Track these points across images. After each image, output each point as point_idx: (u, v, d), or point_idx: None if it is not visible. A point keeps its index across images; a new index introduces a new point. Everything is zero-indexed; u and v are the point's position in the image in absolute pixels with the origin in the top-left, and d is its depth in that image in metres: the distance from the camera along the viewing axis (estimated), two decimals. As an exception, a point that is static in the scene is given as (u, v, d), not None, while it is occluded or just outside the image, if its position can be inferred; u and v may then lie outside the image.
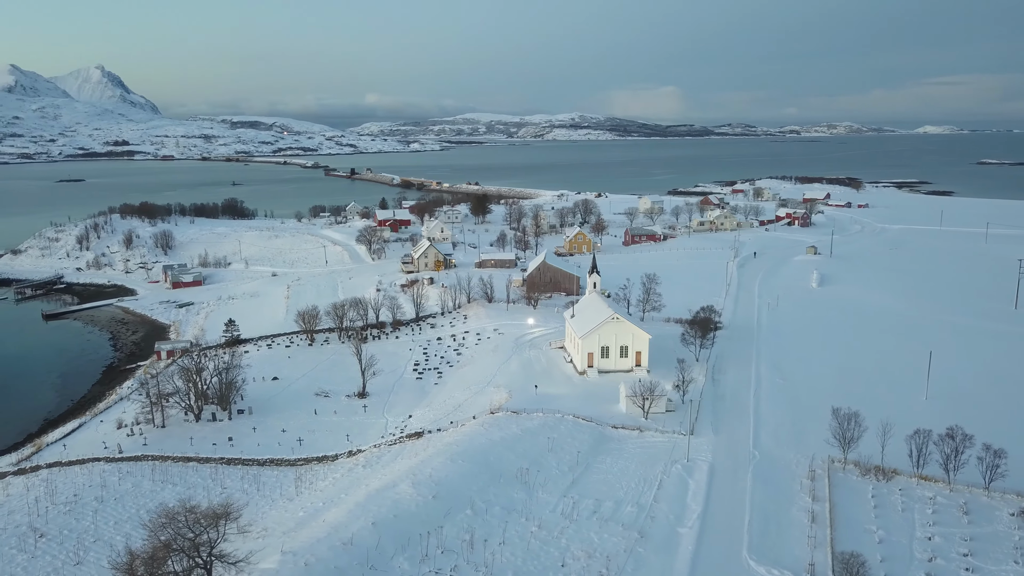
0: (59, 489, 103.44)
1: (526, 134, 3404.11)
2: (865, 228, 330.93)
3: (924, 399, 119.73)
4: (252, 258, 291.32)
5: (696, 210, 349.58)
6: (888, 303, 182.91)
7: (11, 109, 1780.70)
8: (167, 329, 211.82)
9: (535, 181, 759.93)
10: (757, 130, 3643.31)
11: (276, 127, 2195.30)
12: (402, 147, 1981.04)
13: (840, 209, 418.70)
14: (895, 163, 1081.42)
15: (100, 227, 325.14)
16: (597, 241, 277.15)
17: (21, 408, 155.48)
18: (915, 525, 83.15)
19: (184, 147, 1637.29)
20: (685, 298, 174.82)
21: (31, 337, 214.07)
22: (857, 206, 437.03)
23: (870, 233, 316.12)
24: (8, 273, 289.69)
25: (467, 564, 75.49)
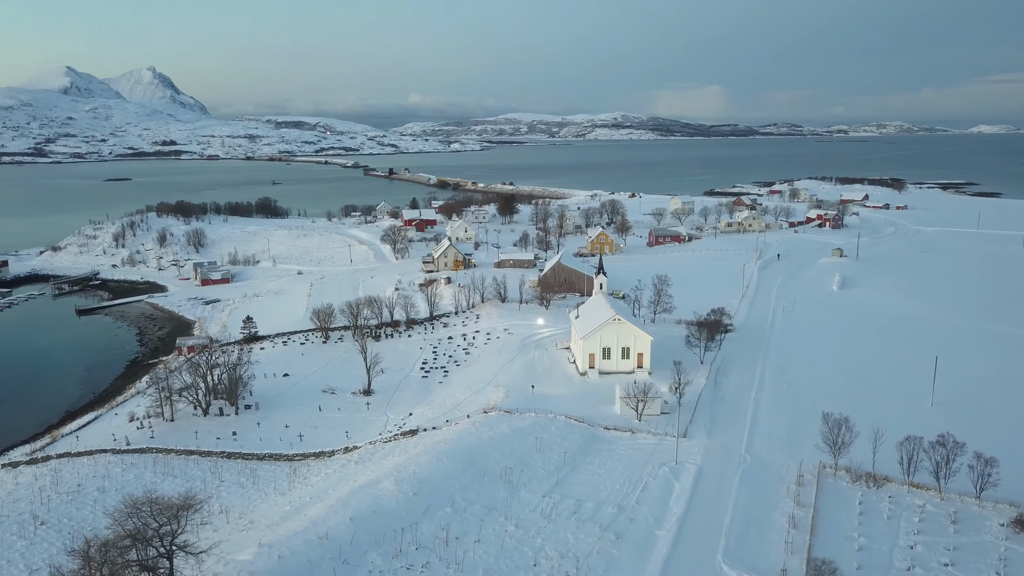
0: (64, 479, 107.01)
1: (567, 134, 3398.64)
2: (899, 230, 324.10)
3: (930, 406, 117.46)
4: (280, 256, 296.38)
5: (725, 211, 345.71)
6: (909, 307, 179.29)
7: (65, 110, 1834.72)
8: (192, 325, 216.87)
9: (570, 181, 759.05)
10: (803, 130, 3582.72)
11: (319, 127, 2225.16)
12: (442, 147, 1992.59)
13: (877, 211, 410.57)
14: (944, 164, 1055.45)
15: (136, 225, 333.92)
16: (620, 242, 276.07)
17: (45, 400, 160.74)
18: (899, 533, 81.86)
19: (229, 147, 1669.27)
20: (700, 300, 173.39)
21: (63, 331, 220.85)
22: (895, 207, 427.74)
23: (903, 235, 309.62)
24: (47, 269, 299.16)
25: (439, 561, 76.39)
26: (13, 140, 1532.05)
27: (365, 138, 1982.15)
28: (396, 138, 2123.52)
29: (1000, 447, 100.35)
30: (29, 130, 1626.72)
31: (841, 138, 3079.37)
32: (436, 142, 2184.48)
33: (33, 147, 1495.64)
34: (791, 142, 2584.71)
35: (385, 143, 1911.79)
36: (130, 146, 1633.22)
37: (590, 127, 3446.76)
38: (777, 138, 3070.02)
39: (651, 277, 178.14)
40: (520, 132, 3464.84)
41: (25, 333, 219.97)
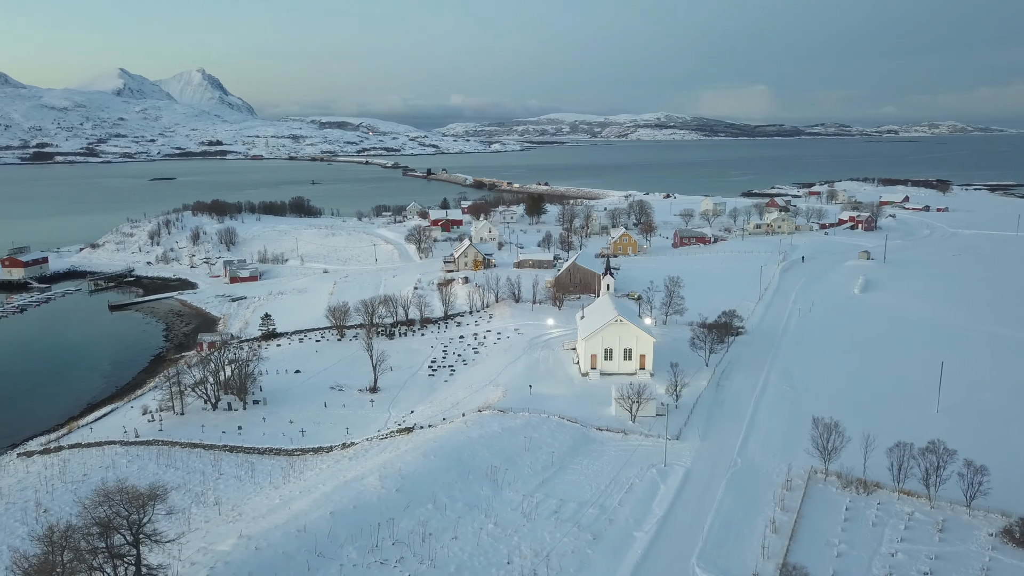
0: (72, 469, 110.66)
1: (610, 134, 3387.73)
2: (934, 232, 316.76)
3: (935, 412, 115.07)
4: (308, 255, 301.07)
5: (755, 213, 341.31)
6: (931, 312, 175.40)
7: (117, 111, 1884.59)
8: (217, 322, 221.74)
9: (607, 182, 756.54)
10: (852, 130, 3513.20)
11: (362, 128, 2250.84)
12: (483, 147, 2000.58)
13: (916, 212, 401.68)
14: (996, 165, 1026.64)
15: (171, 223, 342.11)
16: (644, 243, 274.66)
17: (70, 392, 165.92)
18: (883, 541, 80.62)
19: (273, 147, 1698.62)
20: (716, 302, 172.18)
21: (95, 326, 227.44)
22: (936, 209, 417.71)
23: (938, 238, 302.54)
24: (86, 266, 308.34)
25: (414, 556, 77.41)
26: (67, 140, 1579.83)
27: (407, 138, 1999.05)
28: (437, 138, 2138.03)
29: (1001, 456, 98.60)
30: (82, 130, 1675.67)
31: (891, 139, 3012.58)
32: (477, 143, 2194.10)
33: (86, 147, 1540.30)
34: (838, 143, 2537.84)
35: (426, 143, 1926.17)
36: (178, 146, 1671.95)
37: (633, 127, 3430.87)
38: (824, 139, 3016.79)
39: (664, 279, 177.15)
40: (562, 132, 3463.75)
41: (59, 327, 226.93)
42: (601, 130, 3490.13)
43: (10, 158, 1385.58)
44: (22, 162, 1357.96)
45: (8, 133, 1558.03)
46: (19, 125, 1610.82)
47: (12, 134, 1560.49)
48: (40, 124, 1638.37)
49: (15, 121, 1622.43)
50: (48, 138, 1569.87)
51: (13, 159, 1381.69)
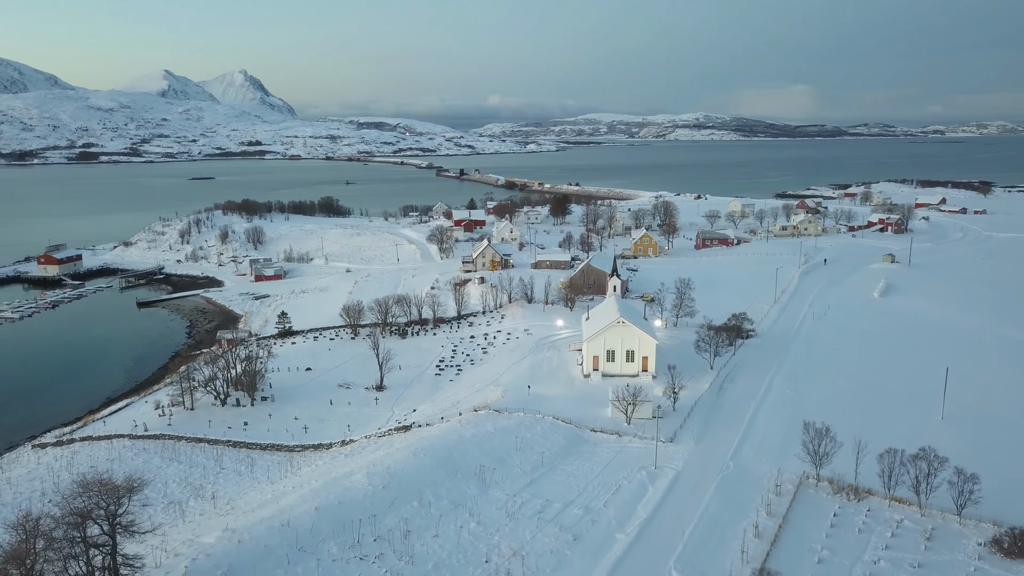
0: (80, 460, 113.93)
1: (647, 134, 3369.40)
2: (967, 235, 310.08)
3: (940, 419, 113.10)
4: (333, 254, 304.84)
5: (782, 214, 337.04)
6: (951, 316, 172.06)
7: (160, 112, 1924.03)
8: (239, 319, 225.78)
9: (640, 182, 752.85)
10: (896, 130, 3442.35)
11: (399, 128, 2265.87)
12: (518, 148, 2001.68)
13: (951, 215, 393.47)
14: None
15: (202, 222, 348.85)
16: (666, 244, 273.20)
17: (92, 386, 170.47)
18: (867, 548, 79.64)
19: (311, 147, 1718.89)
20: (730, 305, 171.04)
21: (122, 323, 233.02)
22: (973, 212, 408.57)
23: (971, 241, 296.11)
24: (118, 263, 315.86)
25: (393, 553, 78.43)
26: (112, 140, 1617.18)
27: (443, 139, 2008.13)
28: (473, 139, 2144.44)
29: (1001, 464, 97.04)
30: (127, 131, 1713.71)
31: (937, 139, 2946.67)
32: (512, 143, 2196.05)
33: (129, 147, 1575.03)
34: (882, 143, 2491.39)
35: (462, 144, 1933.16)
36: (218, 146, 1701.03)
37: (671, 127, 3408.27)
38: (867, 139, 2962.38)
39: (675, 280, 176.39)
40: (599, 132, 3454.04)
41: (87, 323, 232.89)
42: (639, 130, 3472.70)
43: (57, 157, 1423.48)
44: (68, 161, 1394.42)
45: (56, 133, 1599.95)
46: (67, 126, 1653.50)
47: (60, 134, 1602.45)
48: (87, 124, 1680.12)
49: (63, 122, 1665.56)
50: (94, 138, 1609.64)
51: (60, 159, 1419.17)
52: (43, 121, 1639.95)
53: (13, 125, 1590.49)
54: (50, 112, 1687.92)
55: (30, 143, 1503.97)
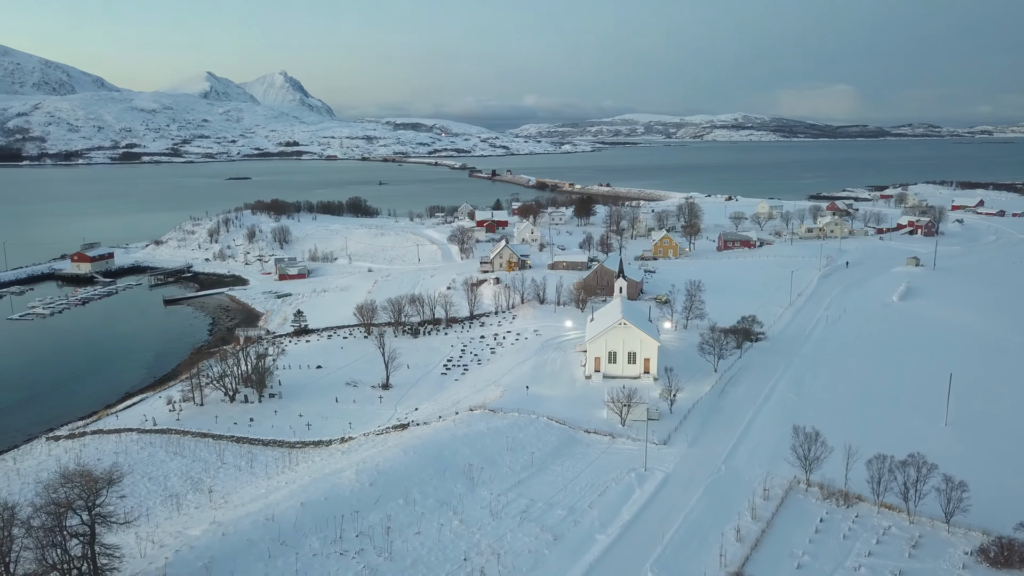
0: (88, 453, 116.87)
1: (685, 135, 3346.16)
2: (1001, 238, 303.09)
3: (943, 425, 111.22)
4: (357, 254, 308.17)
5: (809, 216, 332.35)
6: (972, 322, 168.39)
7: (201, 113, 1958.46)
8: (260, 317, 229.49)
9: (672, 183, 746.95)
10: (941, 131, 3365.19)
11: (435, 129, 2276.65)
12: (553, 148, 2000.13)
13: (988, 217, 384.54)
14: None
15: (230, 222, 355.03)
16: (687, 246, 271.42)
17: (112, 381, 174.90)
18: (851, 554, 78.88)
19: (347, 147, 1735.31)
20: (744, 307, 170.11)
21: (148, 319, 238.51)
22: (1012, 215, 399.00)
23: (1003, 244, 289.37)
24: (148, 261, 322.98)
25: (373, 549, 79.50)
26: (154, 141, 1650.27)
27: (478, 140, 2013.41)
28: (508, 140, 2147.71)
29: (1000, 472, 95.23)
30: (168, 131, 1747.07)
31: (984, 140, 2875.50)
32: (547, 143, 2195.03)
33: (170, 147, 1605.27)
34: (926, 144, 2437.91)
35: (496, 144, 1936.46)
36: (256, 147, 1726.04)
37: (709, 128, 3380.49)
38: (911, 140, 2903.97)
39: (706, 281, 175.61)
40: (636, 133, 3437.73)
41: (115, 319, 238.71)
42: (676, 131, 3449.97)
43: (101, 158, 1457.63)
44: (111, 162, 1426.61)
45: (101, 134, 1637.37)
46: (111, 127, 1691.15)
47: (104, 135, 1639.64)
48: (130, 125, 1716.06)
49: (107, 123, 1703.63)
50: (137, 139, 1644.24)
51: (104, 159, 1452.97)
52: (88, 122, 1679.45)
53: (60, 126, 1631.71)
54: (95, 113, 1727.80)
55: (76, 143, 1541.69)
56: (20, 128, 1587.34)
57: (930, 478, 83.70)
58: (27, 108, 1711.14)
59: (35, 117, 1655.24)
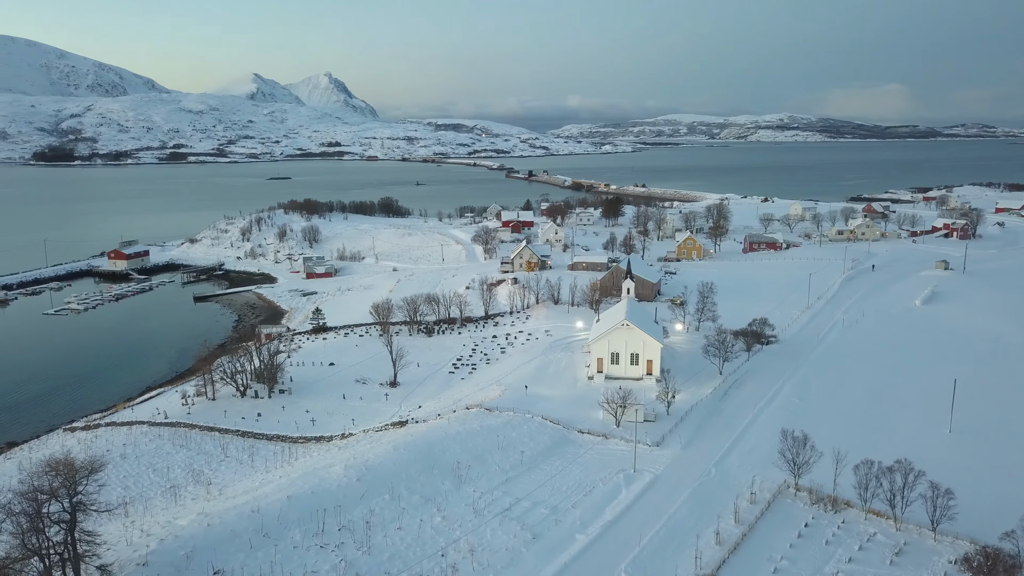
0: (98, 444, 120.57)
1: (728, 135, 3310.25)
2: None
3: (947, 432, 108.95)
4: (383, 253, 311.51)
5: (840, 218, 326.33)
6: (995, 328, 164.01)
7: (247, 114, 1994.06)
8: (284, 315, 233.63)
9: (710, 184, 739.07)
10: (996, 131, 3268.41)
11: (476, 130, 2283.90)
12: (593, 149, 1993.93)
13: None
14: None
15: (262, 221, 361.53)
16: (711, 247, 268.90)
17: (136, 375, 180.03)
18: (831, 560, 77.96)
19: (388, 148, 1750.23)
20: (761, 310, 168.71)
21: (177, 316, 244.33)
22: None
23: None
24: (183, 259, 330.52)
25: (353, 542, 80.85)
26: (200, 142, 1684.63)
27: (518, 140, 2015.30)
28: (549, 140, 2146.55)
29: (997, 480, 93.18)
30: (214, 132, 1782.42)
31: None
32: (588, 144, 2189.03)
33: (216, 148, 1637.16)
34: (980, 144, 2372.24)
35: (536, 145, 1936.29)
36: (299, 147, 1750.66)
37: (753, 128, 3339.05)
38: (963, 140, 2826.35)
39: (725, 283, 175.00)
40: (679, 133, 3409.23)
41: (145, 316, 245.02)
42: (720, 131, 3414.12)
43: (149, 158, 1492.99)
44: (159, 162, 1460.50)
45: (150, 135, 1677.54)
46: (159, 127, 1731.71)
47: (153, 136, 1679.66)
48: (178, 126, 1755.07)
49: (156, 124, 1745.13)
50: (184, 139, 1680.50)
51: (151, 159, 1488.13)
52: (138, 123, 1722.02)
53: (111, 127, 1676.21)
54: (145, 114, 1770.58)
55: (125, 144, 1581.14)
56: (73, 129, 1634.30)
57: (917, 485, 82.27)
58: (80, 109, 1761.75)
59: (87, 118, 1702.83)
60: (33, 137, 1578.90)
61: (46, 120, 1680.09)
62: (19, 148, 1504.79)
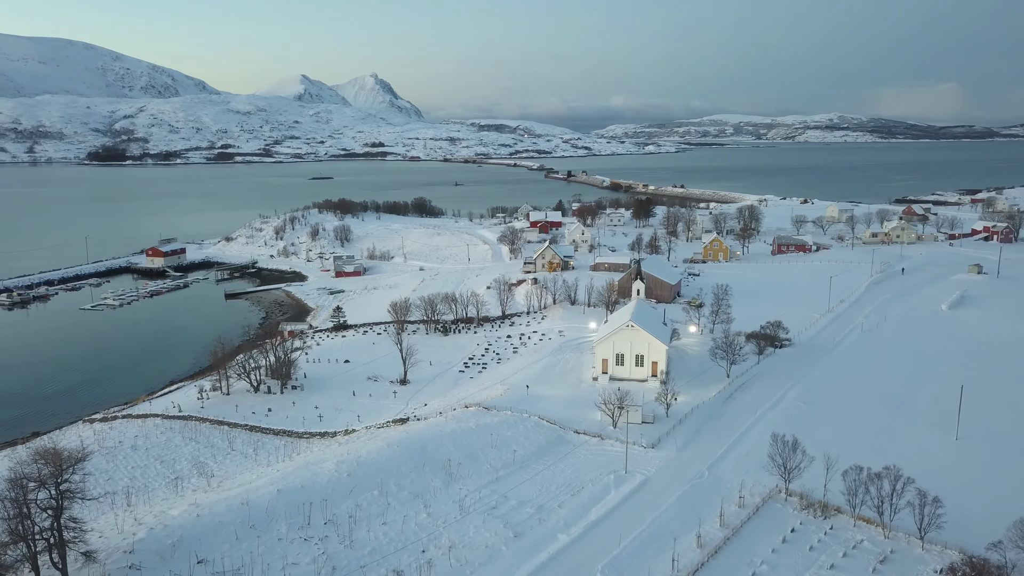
0: (112, 436, 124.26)
1: (775, 136, 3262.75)
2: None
3: (954, 440, 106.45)
4: (412, 253, 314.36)
5: (875, 220, 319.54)
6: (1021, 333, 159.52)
7: (293, 114, 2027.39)
8: (310, 312, 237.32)
9: (751, 185, 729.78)
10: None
11: (519, 130, 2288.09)
12: (636, 150, 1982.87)
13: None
14: None
15: (296, 220, 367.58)
16: (738, 249, 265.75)
17: (161, 370, 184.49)
18: (812, 566, 77.01)
19: (430, 149, 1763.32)
20: (779, 313, 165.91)
21: (207, 312, 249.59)
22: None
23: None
24: (218, 257, 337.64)
25: (336, 536, 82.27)
26: (247, 142, 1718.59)
27: (560, 140, 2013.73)
28: (591, 140, 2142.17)
29: (996, 489, 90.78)
30: (261, 133, 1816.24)
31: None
32: (631, 144, 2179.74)
33: (262, 148, 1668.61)
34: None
35: (578, 145, 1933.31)
36: (343, 147, 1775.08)
37: (801, 129, 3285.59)
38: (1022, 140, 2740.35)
39: (745, 286, 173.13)
40: (725, 134, 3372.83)
41: (177, 312, 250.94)
42: (767, 132, 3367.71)
43: (197, 158, 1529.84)
44: (207, 162, 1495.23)
45: (199, 135, 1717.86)
46: (208, 128, 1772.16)
47: (202, 136, 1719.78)
48: (226, 127, 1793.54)
49: (205, 124, 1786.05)
50: (231, 139, 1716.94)
51: (200, 159, 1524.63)
52: (188, 124, 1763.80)
53: (162, 127, 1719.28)
54: (194, 115, 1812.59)
55: (175, 144, 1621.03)
56: (126, 129, 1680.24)
57: (906, 492, 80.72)
58: (133, 110, 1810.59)
59: (139, 119, 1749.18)
60: (88, 137, 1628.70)
61: (100, 121, 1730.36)
62: (74, 148, 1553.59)
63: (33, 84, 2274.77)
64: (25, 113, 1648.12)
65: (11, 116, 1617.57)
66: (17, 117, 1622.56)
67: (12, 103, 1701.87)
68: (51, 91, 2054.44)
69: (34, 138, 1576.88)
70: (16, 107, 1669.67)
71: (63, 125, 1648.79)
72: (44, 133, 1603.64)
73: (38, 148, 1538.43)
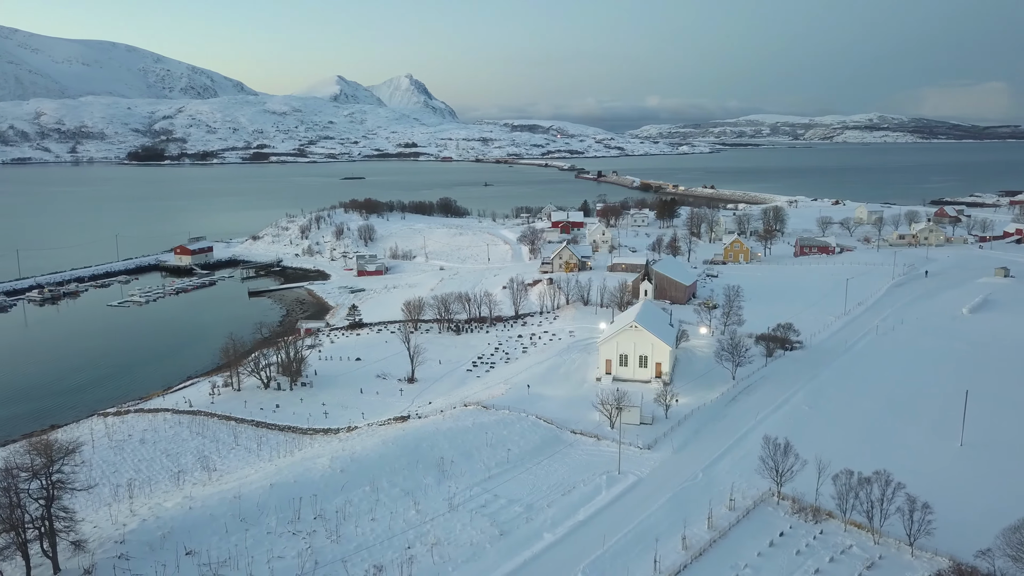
0: (121, 429, 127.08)
1: (813, 136, 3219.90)
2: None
3: (958, 446, 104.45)
4: (434, 253, 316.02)
5: (903, 221, 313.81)
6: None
7: (327, 115, 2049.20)
8: (330, 311, 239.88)
9: (783, 186, 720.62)
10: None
11: (552, 130, 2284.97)
12: (670, 150, 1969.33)
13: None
14: None
15: (321, 219, 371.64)
16: (759, 250, 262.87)
17: (180, 365, 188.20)
18: (797, 570, 76.19)
19: (463, 149, 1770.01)
20: (793, 315, 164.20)
21: (230, 309, 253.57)
22: None
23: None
24: (244, 255, 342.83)
25: (324, 531, 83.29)
26: (283, 142, 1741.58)
27: (593, 140, 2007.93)
28: (625, 140, 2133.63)
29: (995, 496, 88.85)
30: (296, 133, 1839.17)
31: None
32: (665, 145, 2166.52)
33: (297, 148, 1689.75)
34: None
35: (611, 146, 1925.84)
36: (377, 148, 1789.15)
37: (840, 129, 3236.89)
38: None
39: (765, 288, 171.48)
40: (761, 134, 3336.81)
41: (200, 309, 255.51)
42: (804, 132, 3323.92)
43: (233, 158, 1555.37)
44: (242, 161, 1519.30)
45: (236, 135, 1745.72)
46: (245, 128, 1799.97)
47: (239, 136, 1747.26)
48: (262, 127, 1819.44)
49: (242, 125, 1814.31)
50: (267, 140, 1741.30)
51: (236, 159, 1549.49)
52: (225, 124, 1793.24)
53: (200, 128, 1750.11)
54: (231, 116, 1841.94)
55: (212, 144, 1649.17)
56: (165, 130, 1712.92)
57: (896, 497, 79.49)
58: (172, 111, 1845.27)
59: (178, 120, 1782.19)
60: (128, 137, 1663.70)
61: (140, 121, 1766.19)
62: (115, 148, 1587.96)
63: (77, 85, 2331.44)
64: (68, 114, 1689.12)
65: (55, 117, 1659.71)
66: (61, 118, 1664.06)
67: (56, 104, 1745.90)
68: (94, 92, 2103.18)
69: (77, 138, 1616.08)
70: (60, 108, 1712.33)
71: (104, 125, 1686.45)
72: (86, 133, 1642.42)
73: (80, 148, 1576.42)
